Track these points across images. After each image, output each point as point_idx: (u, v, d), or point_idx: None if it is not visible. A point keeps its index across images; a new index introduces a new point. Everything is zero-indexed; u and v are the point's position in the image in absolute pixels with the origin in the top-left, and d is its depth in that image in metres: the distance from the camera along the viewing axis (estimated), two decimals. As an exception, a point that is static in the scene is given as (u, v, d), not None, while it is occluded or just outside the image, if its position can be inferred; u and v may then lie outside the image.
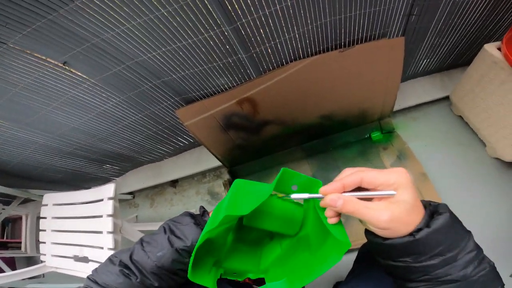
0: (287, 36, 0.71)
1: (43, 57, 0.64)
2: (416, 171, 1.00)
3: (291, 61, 0.80)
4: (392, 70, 0.87)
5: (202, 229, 0.46)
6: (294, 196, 0.39)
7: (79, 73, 0.71)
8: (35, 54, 0.63)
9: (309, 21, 0.69)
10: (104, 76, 0.74)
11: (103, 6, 0.54)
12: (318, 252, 0.43)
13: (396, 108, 1.08)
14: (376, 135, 1.12)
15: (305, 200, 0.47)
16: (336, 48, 0.80)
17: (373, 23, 0.74)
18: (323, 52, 0.80)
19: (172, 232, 0.47)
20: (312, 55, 0.80)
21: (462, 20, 0.85)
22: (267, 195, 0.38)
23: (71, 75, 0.71)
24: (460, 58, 1.07)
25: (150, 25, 0.60)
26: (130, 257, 0.45)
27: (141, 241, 0.48)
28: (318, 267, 0.40)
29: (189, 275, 0.40)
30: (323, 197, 0.36)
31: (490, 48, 0.85)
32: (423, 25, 0.81)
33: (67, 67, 0.68)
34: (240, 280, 0.51)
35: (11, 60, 0.64)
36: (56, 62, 0.66)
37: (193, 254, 0.40)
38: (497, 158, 0.98)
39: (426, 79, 1.14)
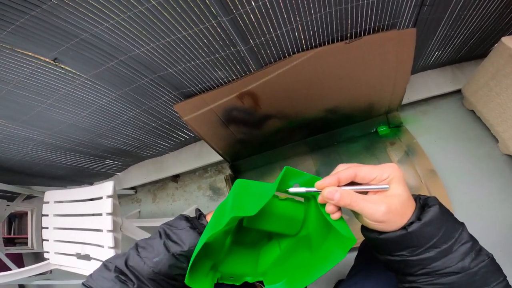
0: (289, 27, 0.67)
1: (32, 54, 0.61)
2: (425, 167, 0.96)
3: (293, 53, 0.76)
4: (402, 63, 0.82)
5: (198, 233, 0.45)
6: (292, 190, 0.39)
7: (71, 70, 0.68)
8: (24, 52, 0.60)
9: (312, 11, 0.64)
10: (97, 71, 0.71)
11: (89, 0, 0.50)
12: (319, 251, 0.42)
13: (404, 101, 1.03)
14: (383, 129, 1.08)
15: (306, 198, 0.46)
16: (342, 40, 0.75)
17: (382, 13, 0.69)
18: (328, 43, 0.75)
19: (168, 236, 0.45)
20: (316, 46, 0.75)
21: (478, 12, 0.79)
22: (271, 194, 0.37)
23: (63, 71, 0.68)
24: (473, 51, 1.01)
25: (141, 18, 0.56)
26: (126, 263, 0.44)
27: (136, 246, 0.46)
28: (320, 266, 0.40)
29: (186, 280, 0.40)
30: (320, 191, 0.36)
31: (508, 41, 0.79)
32: (436, 16, 0.75)
33: (57, 64, 0.65)
34: (237, 284, 0.50)
35: (0, 58, 0.61)
36: (46, 59, 0.63)
37: (191, 259, 0.39)
38: (509, 155, 0.93)
39: (437, 72, 1.08)
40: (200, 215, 0.51)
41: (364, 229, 0.37)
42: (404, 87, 0.93)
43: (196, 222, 0.48)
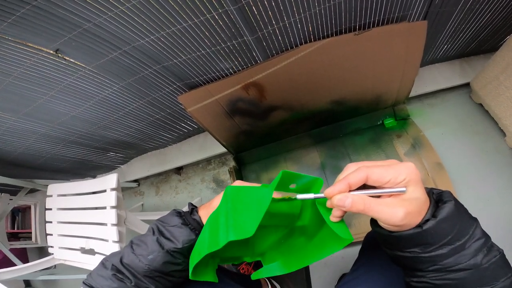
0: (297, 17, 0.65)
1: (33, 45, 0.60)
2: (431, 160, 0.95)
3: (301, 44, 0.74)
4: (411, 56, 0.80)
5: (191, 229, 0.46)
6: (299, 196, 0.38)
7: (73, 61, 0.66)
8: (25, 43, 0.58)
9: (321, 1, 0.62)
10: (100, 62, 0.69)
11: (92, -13, 0.48)
12: (315, 240, 0.43)
13: (411, 94, 1.01)
14: (389, 121, 1.06)
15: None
16: (350, 31, 0.73)
17: (392, 4, 0.67)
18: (337, 34, 0.73)
19: (161, 233, 0.45)
20: (324, 37, 0.73)
21: (490, 5, 0.77)
22: (267, 204, 0.36)
23: (65, 63, 0.67)
24: (483, 45, 0.99)
25: (146, 7, 0.54)
26: (121, 260, 0.44)
27: (131, 243, 0.47)
28: (315, 253, 0.40)
29: (190, 277, 0.40)
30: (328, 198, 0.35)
31: (520, 35, 0.77)
32: (448, 9, 0.73)
33: (60, 55, 0.63)
34: (236, 263, 0.51)
35: (0, 50, 0.60)
36: (47, 50, 0.61)
37: (190, 270, 0.40)
38: (516, 149, 0.93)
39: (445, 65, 1.06)
40: (192, 209, 0.50)
41: (374, 223, 0.36)
42: (413, 79, 0.91)
43: (188, 218, 0.48)
